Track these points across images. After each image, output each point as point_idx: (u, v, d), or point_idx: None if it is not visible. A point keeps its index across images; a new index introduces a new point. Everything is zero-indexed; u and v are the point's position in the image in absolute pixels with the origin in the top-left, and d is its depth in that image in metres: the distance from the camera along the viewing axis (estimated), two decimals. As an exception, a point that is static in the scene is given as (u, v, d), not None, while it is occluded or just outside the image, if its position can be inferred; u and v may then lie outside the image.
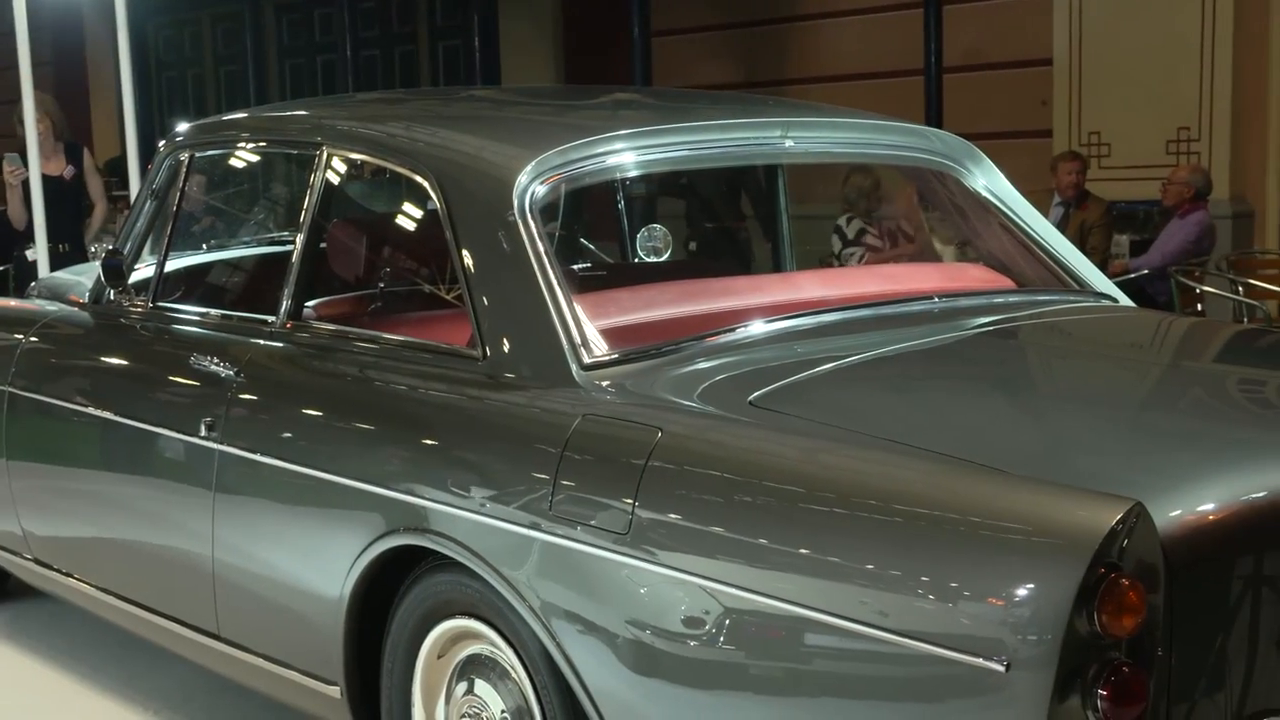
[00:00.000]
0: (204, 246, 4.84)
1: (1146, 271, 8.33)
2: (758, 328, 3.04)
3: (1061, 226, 8.30)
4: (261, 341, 3.48)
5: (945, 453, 2.36)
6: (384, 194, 4.75)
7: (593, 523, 2.54)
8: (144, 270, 4.06)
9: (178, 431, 3.51)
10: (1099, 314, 3.46)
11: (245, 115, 4.12)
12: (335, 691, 3.12)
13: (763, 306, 3.16)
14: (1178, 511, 2.18)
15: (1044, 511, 2.11)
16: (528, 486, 2.69)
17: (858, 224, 7.48)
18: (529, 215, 2.96)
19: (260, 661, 3.34)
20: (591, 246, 4.75)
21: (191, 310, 3.87)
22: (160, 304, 3.90)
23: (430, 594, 2.92)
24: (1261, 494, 2.28)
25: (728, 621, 2.36)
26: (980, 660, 2.05)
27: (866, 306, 3.23)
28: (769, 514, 2.38)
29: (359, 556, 2.97)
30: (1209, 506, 2.23)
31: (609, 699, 2.53)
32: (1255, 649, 2.24)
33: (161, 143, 4.07)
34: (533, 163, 3.03)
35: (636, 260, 4.45)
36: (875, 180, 7.35)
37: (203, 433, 3.41)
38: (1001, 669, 2.02)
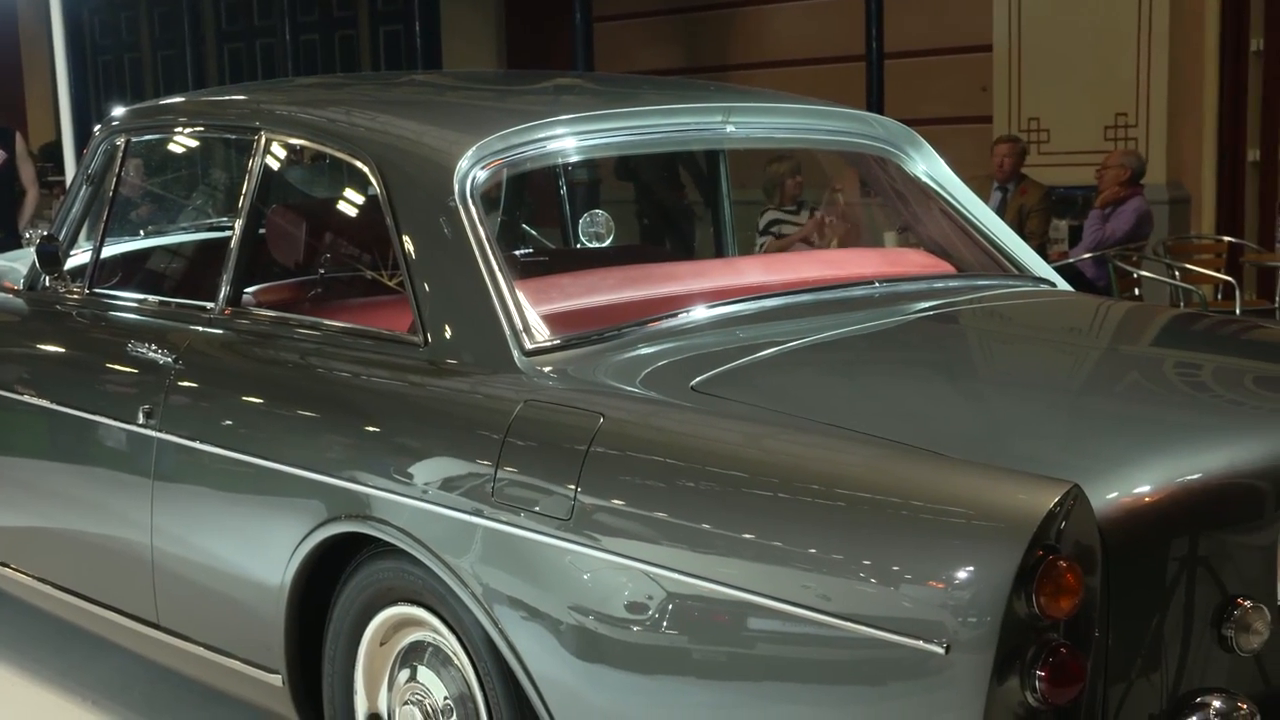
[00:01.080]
0: (141, 232, 4.79)
1: (1088, 256, 8.41)
2: (700, 313, 3.04)
3: (1000, 210, 8.37)
4: (200, 328, 3.45)
5: (886, 437, 2.37)
6: (324, 179, 4.72)
7: (535, 509, 2.54)
8: (80, 256, 4.01)
9: (115, 419, 3.48)
10: (1038, 299, 3.48)
11: (183, 99, 4.08)
12: (277, 680, 3.11)
13: (705, 292, 3.17)
14: (1114, 494, 2.21)
15: (983, 495, 2.13)
16: (470, 473, 2.68)
17: (771, 214, 7.52)
18: (470, 200, 2.95)
19: (200, 650, 3.32)
20: (533, 232, 4.74)
21: (129, 297, 3.83)
22: (97, 290, 3.85)
23: (372, 581, 2.90)
24: (1196, 476, 2.31)
25: (671, 606, 2.36)
26: (921, 643, 2.06)
27: (808, 292, 3.24)
28: (712, 499, 2.38)
29: (300, 544, 2.95)
30: (1145, 489, 2.25)
31: (552, 685, 2.53)
32: (1190, 629, 2.26)
33: (97, 127, 4.02)
34: (474, 148, 3.02)
35: (579, 246, 4.44)
36: (793, 167, 7.39)
37: (140, 420, 3.37)
38: (942, 651, 2.04)
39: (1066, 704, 2.05)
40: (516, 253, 4.25)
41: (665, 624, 2.37)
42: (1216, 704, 2.13)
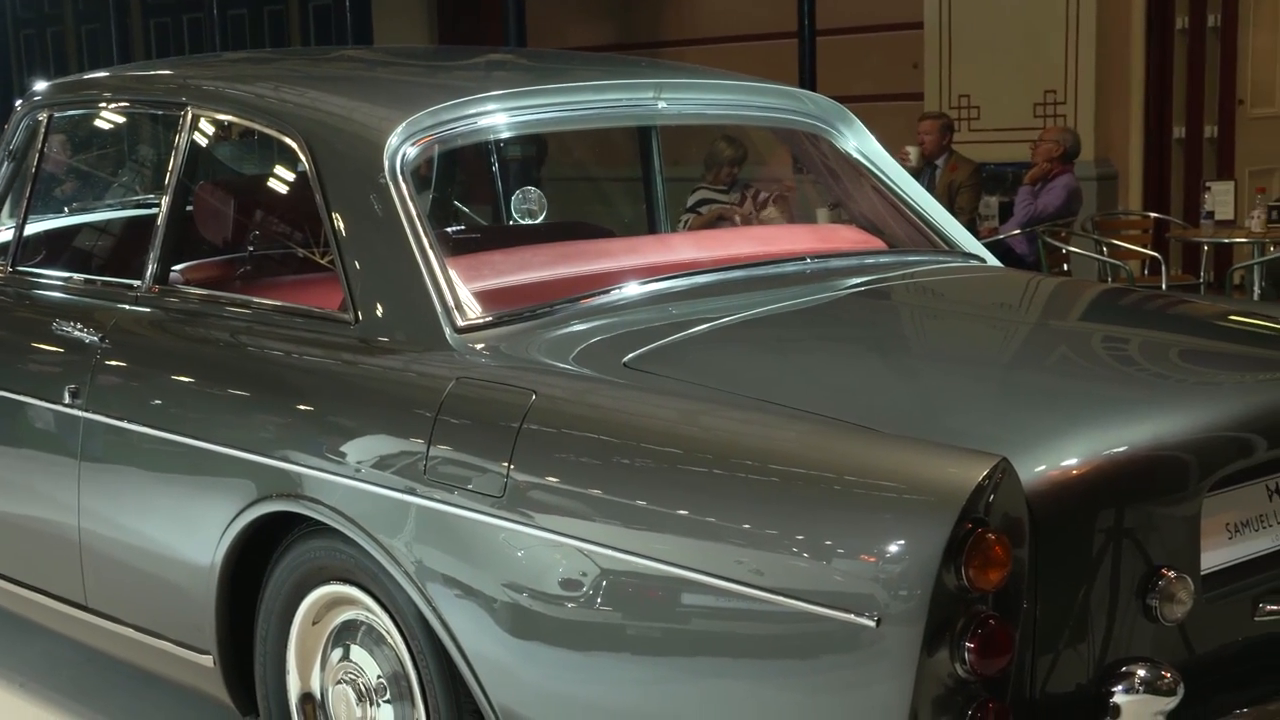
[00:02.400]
0: (65, 209, 4.72)
1: (1018, 232, 8.48)
2: (632, 289, 3.04)
3: (930, 186, 8.42)
4: (127, 306, 3.41)
5: (818, 412, 2.38)
6: (252, 156, 4.67)
7: (468, 487, 2.53)
8: (2, 234, 3.95)
9: (40, 399, 3.43)
10: (968, 274, 3.51)
11: (107, 74, 4.02)
12: (208, 660, 3.08)
13: (637, 268, 3.17)
14: (1042, 467, 2.23)
15: (913, 469, 2.14)
16: (402, 451, 2.67)
17: (702, 192, 7.53)
18: (400, 177, 2.93)
19: (130, 632, 3.29)
20: (465, 209, 4.71)
21: (53, 275, 3.78)
22: (20, 269, 3.79)
23: (304, 560, 2.89)
24: (1122, 449, 2.34)
25: (605, 583, 2.37)
26: (852, 616, 2.08)
27: (740, 268, 3.25)
28: (645, 475, 2.38)
29: (230, 524, 2.93)
30: (1072, 462, 2.28)
31: (486, 662, 2.53)
32: (1116, 600, 2.29)
33: (19, 102, 3.95)
34: (403, 124, 3.00)
35: (511, 223, 4.43)
36: (738, 155, 7.40)
37: (66, 400, 3.33)
38: (872, 624, 2.05)
39: (995, 674, 2.07)
40: (448, 230, 4.22)
41: (599, 600, 2.38)
42: (1141, 673, 2.16)
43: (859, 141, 3.73)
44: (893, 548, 2.07)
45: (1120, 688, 2.15)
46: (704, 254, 3.37)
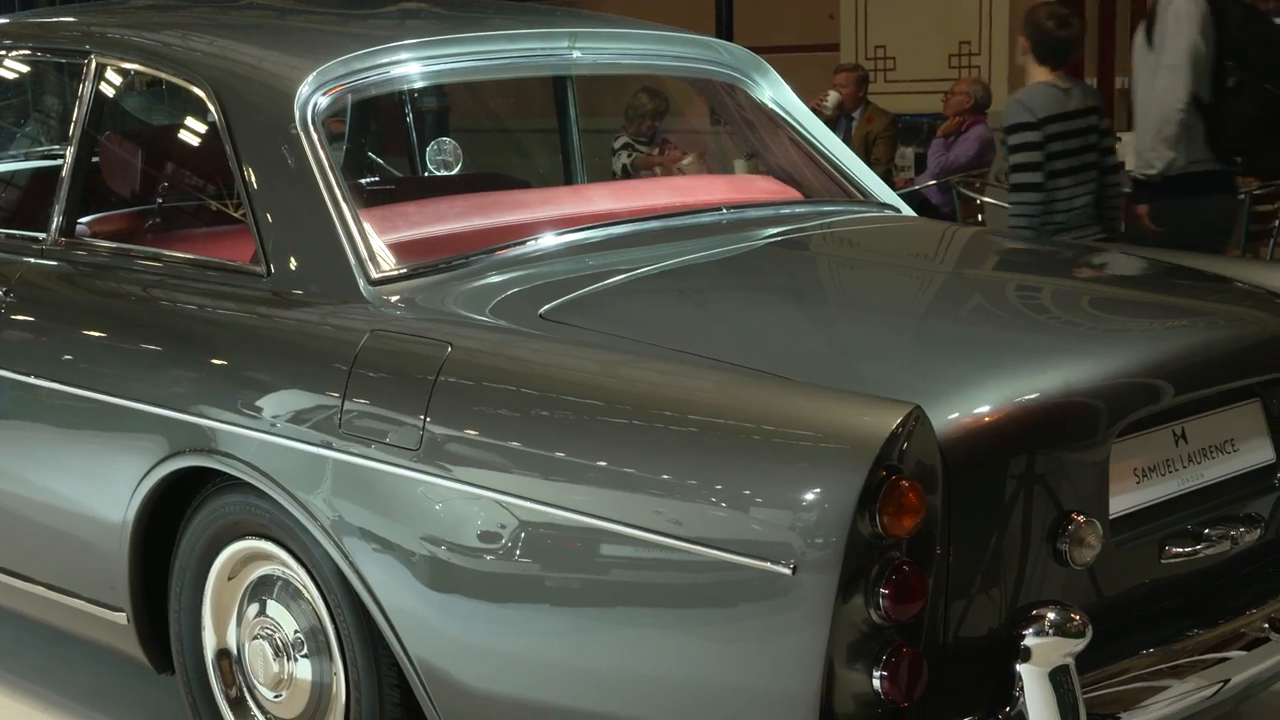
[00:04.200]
0: (-34, 161, 4.61)
1: (933, 183, 8.54)
2: (548, 241, 3.03)
3: (845, 137, 8.45)
4: (32, 260, 3.34)
5: (735, 362, 2.39)
6: (161, 106, 4.58)
7: (384, 440, 2.52)
8: (-98, 187, 3.85)
9: (-57, 356, 3.36)
10: (883, 224, 3.53)
11: (7, 21, 3.92)
12: (121, 618, 3.05)
13: (553, 219, 3.15)
14: (955, 414, 2.25)
15: (828, 418, 2.16)
16: (317, 405, 2.64)
17: (623, 139, 7.52)
18: (311, 127, 2.89)
19: (41, 590, 3.24)
20: (379, 160, 4.67)
21: (-46, 228, 3.69)
22: (-79, 222, 3.70)
23: (218, 516, 2.86)
24: (1034, 396, 2.37)
25: (523, 535, 2.36)
26: (768, 564, 2.09)
27: (656, 218, 3.24)
28: (562, 427, 2.38)
29: (143, 480, 2.89)
30: (984, 409, 2.30)
31: (404, 616, 2.53)
32: (1028, 545, 2.33)
33: (-85, 51, 3.84)
34: (314, 73, 2.96)
35: (426, 174, 4.39)
36: (659, 109, 7.38)
37: (-30, 356, 3.26)
38: (788, 572, 2.07)
39: (909, 620, 2.10)
40: (362, 181, 4.18)
41: (517, 552, 2.37)
42: (1051, 616, 2.19)
43: (774, 92, 3.73)
44: (808, 496, 2.08)
45: (1030, 630, 2.18)
46: (620, 205, 3.36)
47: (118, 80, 3.42)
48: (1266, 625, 2.57)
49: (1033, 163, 4.76)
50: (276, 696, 2.88)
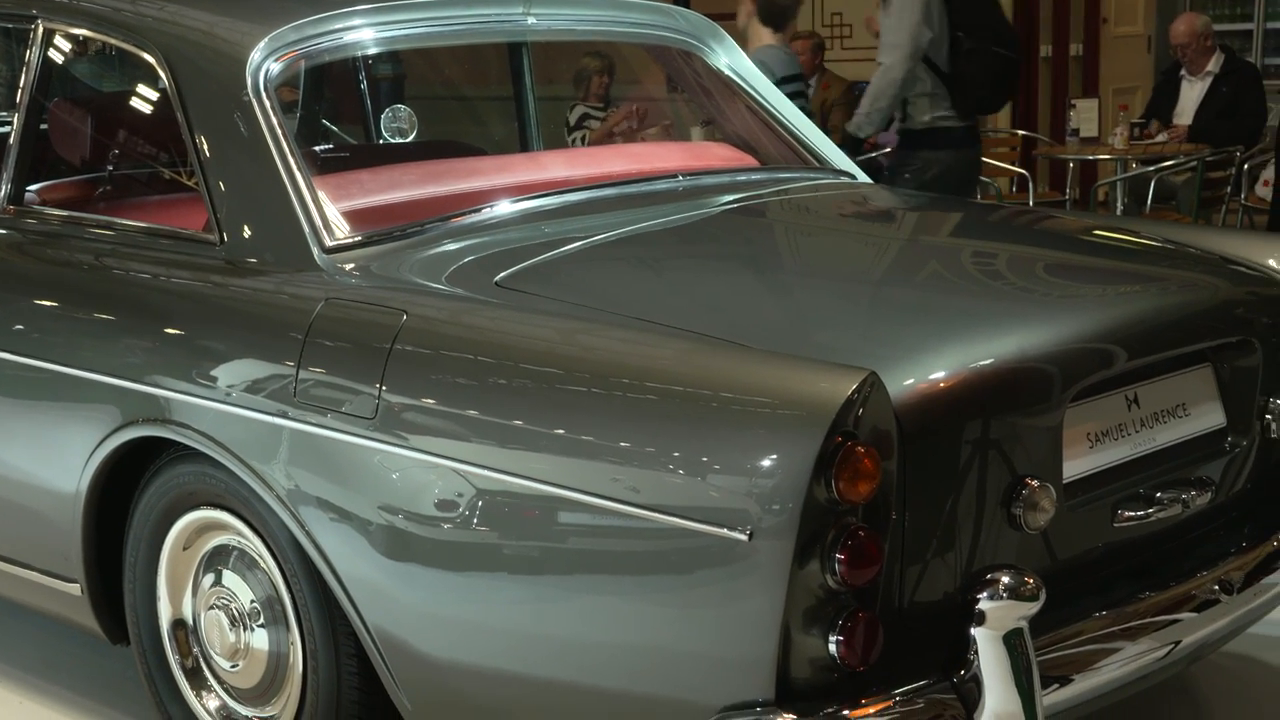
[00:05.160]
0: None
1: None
2: (504, 208, 3.02)
3: (801, 105, 8.44)
4: (-19, 229, 3.30)
5: (692, 330, 2.39)
6: (112, 73, 4.53)
7: (340, 409, 2.50)
8: None
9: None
10: (839, 190, 3.54)
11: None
12: (75, 589, 3.03)
13: (509, 187, 3.14)
14: (910, 380, 2.26)
15: (784, 385, 2.16)
16: (273, 374, 2.63)
17: (580, 109, 7.49)
18: (264, 94, 2.86)
19: (-6, 562, 3.22)
20: (334, 128, 4.63)
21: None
22: None
23: (173, 486, 2.84)
24: (988, 361, 2.38)
25: (481, 503, 2.36)
26: (725, 531, 2.10)
27: (612, 186, 3.24)
28: (519, 395, 2.37)
29: (95, 450, 2.87)
30: (939, 375, 2.31)
31: (361, 585, 2.52)
32: (982, 509, 2.34)
33: None
34: (266, 39, 2.93)
35: (381, 142, 4.36)
36: (604, 66, 7.36)
37: (-82, 327, 3.22)
38: (745, 538, 2.08)
39: (864, 585, 2.11)
40: (316, 149, 4.15)
41: (475, 521, 2.37)
42: (1005, 579, 2.21)
43: (731, 59, 3.72)
44: (765, 462, 2.09)
45: (985, 594, 2.20)
46: (576, 172, 3.35)
47: (66, 46, 3.37)
48: (1217, 587, 2.60)
49: None
50: (233, 667, 2.87)
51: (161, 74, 3.01)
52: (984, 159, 8.71)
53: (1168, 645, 2.51)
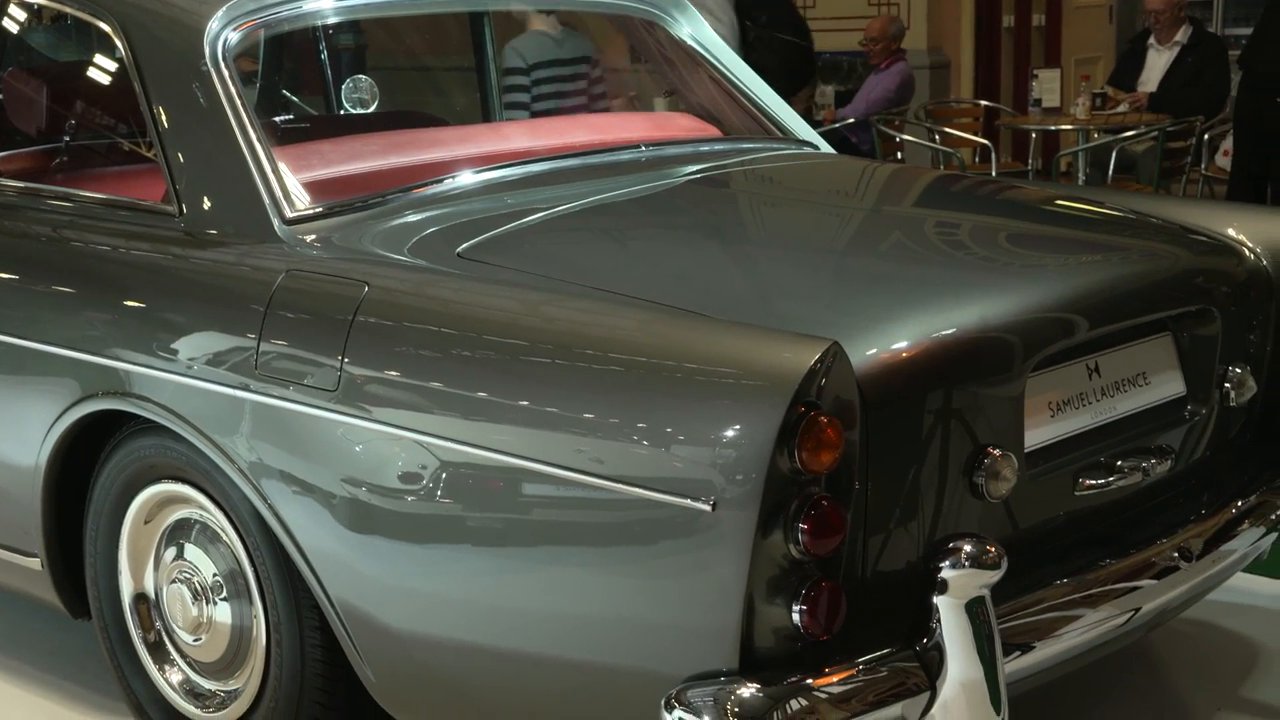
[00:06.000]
0: None
1: (851, 120, 8.56)
2: (466, 179, 3.00)
3: (766, 75, 8.44)
4: (-65, 200, 3.26)
5: (656, 300, 2.39)
6: (67, 42, 4.48)
7: (302, 382, 2.49)
8: None
9: None
10: (802, 161, 3.54)
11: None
12: (35, 564, 3.01)
13: (471, 158, 3.13)
14: (873, 350, 2.26)
15: (747, 355, 2.16)
16: (234, 347, 2.61)
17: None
18: (222, 64, 2.84)
19: (-47, 537, 3.19)
20: (294, 98, 4.59)
21: None
22: None
23: (133, 459, 2.83)
24: (950, 331, 2.39)
25: (444, 475, 2.35)
26: (689, 501, 2.10)
27: (574, 156, 3.22)
28: (482, 366, 2.37)
29: (55, 423, 2.85)
30: (902, 344, 2.32)
31: (324, 558, 2.51)
32: (944, 479, 2.35)
33: None
34: (224, 8, 2.90)
35: (342, 112, 4.33)
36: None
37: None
38: (709, 508, 2.08)
39: (828, 554, 2.11)
40: (276, 119, 4.12)
41: (439, 493, 2.37)
42: (967, 548, 2.22)
43: (693, 28, 3.71)
44: (729, 433, 2.09)
45: (947, 563, 2.21)
46: (538, 142, 3.33)
47: (21, 15, 3.34)
48: (1176, 554, 2.62)
49: (520, 103, 5.18)
50: (196, 640, 2.86)
51: (118, 43, 2.98)
52: (947, 129, 8.76)
53: (1128, 612, 2.53)
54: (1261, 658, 3.30)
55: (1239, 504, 2.80)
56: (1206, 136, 8.08)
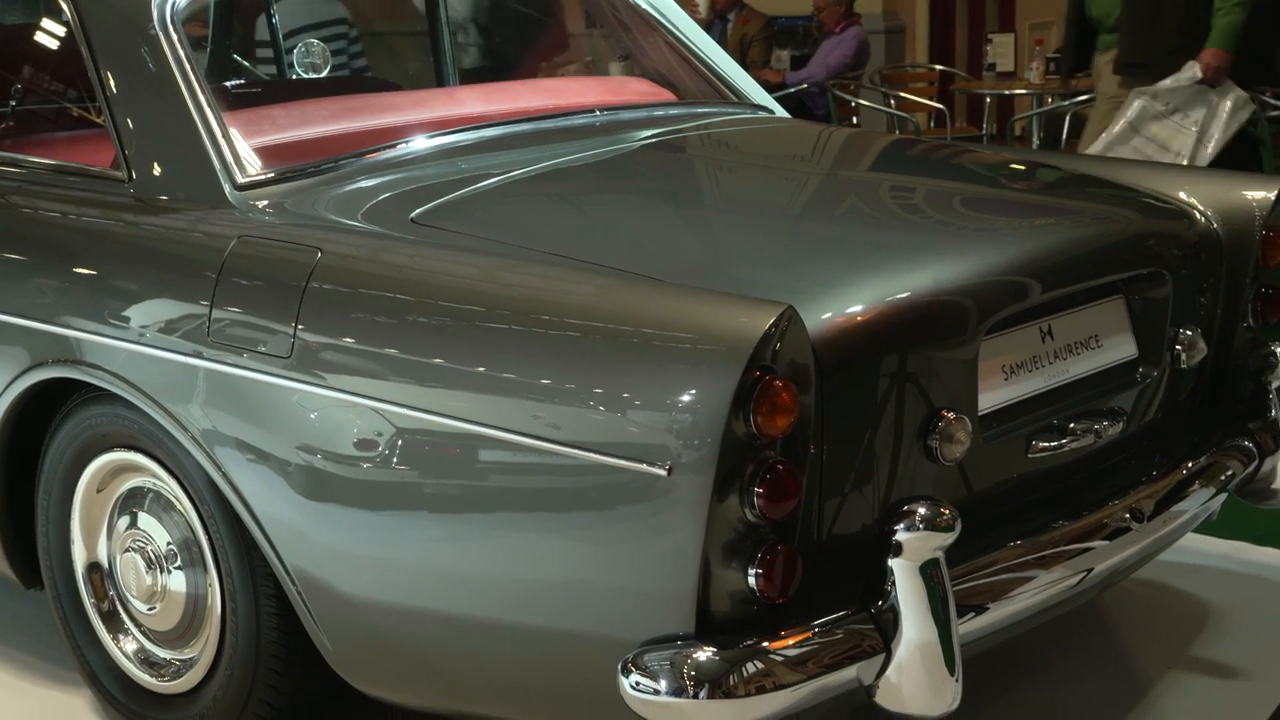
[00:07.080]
0: None
1: (806, 85, 8.55)
2: (419, 144, 2.98)
3: (721, 40, 8.43)
4: (-120, 167, 3.21)
5: (610, 265, 2.38)
6: (13, 4, 4.42)
7: (256, 349, 2.47)
8: None
9: None
10: (757, 125, 3.53)
11: None
12: (-13, 534, 2.99)
13: (424, 122, 3.10)
14: (828, 314, 2.27)
15: (702, 320, 2.16)
16: (186, 314, 2.59)
17: None
18: (171, 27, 2.80)
19: (-98, 508, 3.16)
20: (244, 63, 4.55)
21: None
22: None
23: (85, 427, 2.80)
24: (904, 295, 2.39)
25: (400, 442, 2.34)
26: (645, 466, 2.10)
27: (528, 121, 3.21)
28: (437, 333, 2.36)
29: (4, 391, 2.83)
30: (856, 308, 2.32)
31: (279, 525, 2.50)
32: (899, 442, 2.36)
33: None
34: (173, -29, 2.86)
35: (293, 77, 4.29)
36: None
37: None
38: (664, 473, 2.08)
39: (783, 518, 2.12)
40: (226, 84, 4.07)
41: (394, 460, 2.36)
42: (921, 511, 2.23)
43: (648, -8, 3.69)
44: (684, 398, 2.09)
45: (901, 526, 2.22)
46: (492, 107, 3.31)
47: (-35, -22, 3.28)
48: (1128, 515, 2.65)
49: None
50: (150, 609, 2.84)
51: (65, 6, 2.94)
52: (902, 94, 8.78)
53: (1080, 573, 2.56)
54: (1211, 616, 3.34)
55: (1190, 465, 2.83)
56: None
